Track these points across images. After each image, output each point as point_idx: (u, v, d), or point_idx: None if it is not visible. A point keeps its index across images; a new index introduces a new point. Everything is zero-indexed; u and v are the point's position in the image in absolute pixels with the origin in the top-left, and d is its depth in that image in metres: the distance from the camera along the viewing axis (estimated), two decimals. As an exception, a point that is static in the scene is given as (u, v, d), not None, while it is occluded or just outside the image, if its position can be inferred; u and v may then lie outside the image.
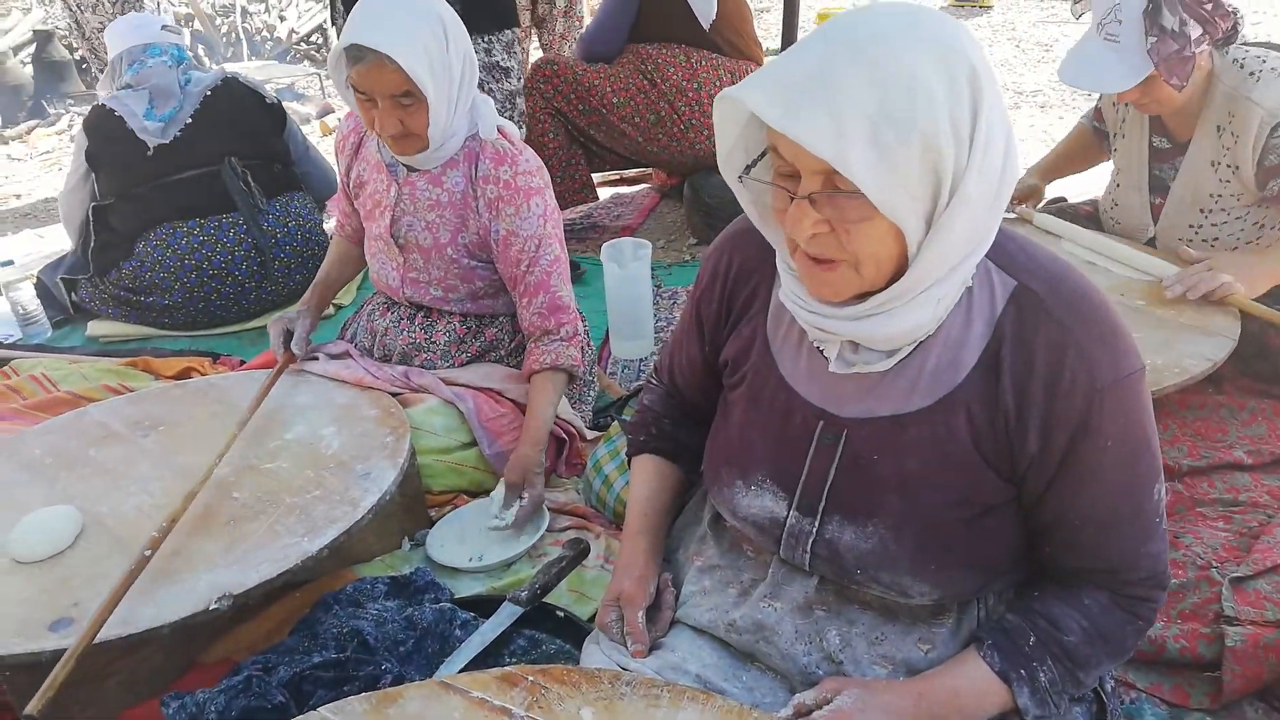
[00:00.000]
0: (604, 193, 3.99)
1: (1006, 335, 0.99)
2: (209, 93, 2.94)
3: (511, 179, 1.95)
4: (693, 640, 1.19)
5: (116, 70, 2.96)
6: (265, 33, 7.64)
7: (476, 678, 1.10)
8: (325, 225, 3.35)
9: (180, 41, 3.09)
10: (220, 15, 7.58)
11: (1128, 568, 1.03)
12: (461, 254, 2.04)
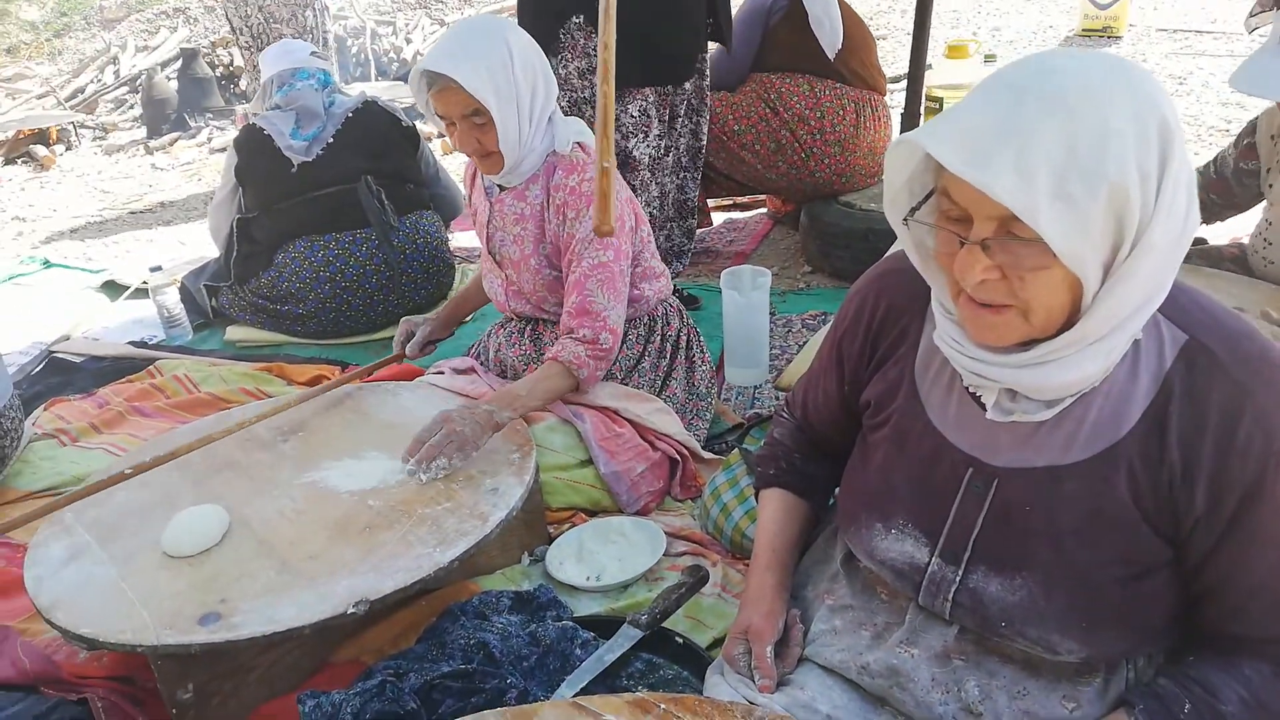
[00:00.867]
0: (717, 218, 4.01)
1: (1175, 391, 0.96)
2: (350, 114, 3.09)
3: (578, 185, 2.02)
4: (822, 679, 1.18)
5: (268, 91, 3.14)
6: (392, 54, 7.95)
7: (609, 700, 1.11)
8: (450, 243, 3.47)
9: (327, 67, 3.26)
10: (351, 37, 7.92)
11: (1295, 639, 0.99)
12: (544, 265, 2.12)
